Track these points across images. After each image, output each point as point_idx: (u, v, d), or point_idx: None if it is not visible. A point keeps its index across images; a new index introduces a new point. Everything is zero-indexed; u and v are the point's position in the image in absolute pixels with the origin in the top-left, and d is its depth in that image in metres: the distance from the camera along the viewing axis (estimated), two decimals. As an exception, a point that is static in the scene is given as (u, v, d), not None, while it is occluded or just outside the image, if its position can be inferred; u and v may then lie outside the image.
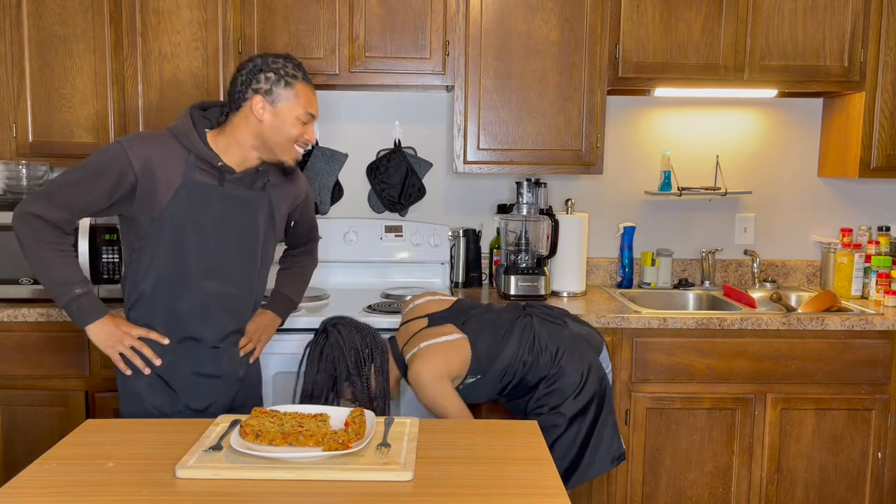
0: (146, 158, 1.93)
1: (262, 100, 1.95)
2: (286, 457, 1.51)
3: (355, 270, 3.21)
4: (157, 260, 1.99)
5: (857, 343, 2.73)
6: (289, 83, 1.97)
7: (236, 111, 1.99)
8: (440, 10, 2.86)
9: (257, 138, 1.99)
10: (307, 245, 2.44)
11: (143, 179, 1.93)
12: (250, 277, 2.12)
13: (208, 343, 2.06)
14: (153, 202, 1.95)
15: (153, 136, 2.01)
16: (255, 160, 2.04)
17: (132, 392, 2.04)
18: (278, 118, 1.97)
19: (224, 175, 2.01)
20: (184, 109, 2.06)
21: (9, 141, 2.86)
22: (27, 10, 2.81)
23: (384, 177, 3.21)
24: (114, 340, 1.97)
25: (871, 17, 2.92)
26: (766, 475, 2.77)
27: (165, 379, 2.04)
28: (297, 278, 2.40)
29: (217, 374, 2.09)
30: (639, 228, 3.32)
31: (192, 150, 1.97)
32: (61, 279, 1.92)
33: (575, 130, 2.92)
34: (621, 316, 2.70)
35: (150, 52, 2.84)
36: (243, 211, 2.06)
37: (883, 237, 3.16)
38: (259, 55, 2.01)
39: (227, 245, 2.04)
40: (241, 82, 1.97)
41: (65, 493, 1.42)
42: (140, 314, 2.03)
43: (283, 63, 1.98)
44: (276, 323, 2.30)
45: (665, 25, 2.91)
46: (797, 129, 3.34)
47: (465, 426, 1.83)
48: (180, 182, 1.96)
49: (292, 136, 2.00)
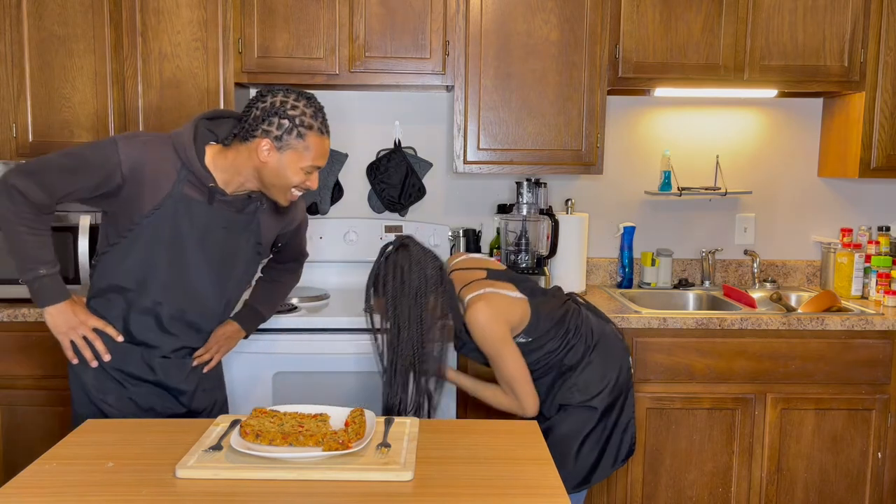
0: (137, 161, 1.88)
1: (269, 144, 1.87)
2: (286, 457, 1.51)
3: (355, 270, 3.21)
4: (127, 262, 1.94)
5: (857, 343, 2.73)
6: (301, 134, 1.88)
7: (243, 142, 1.91)
8: (440, 10, 2.86)
9: (256, 175, 1.93)
10: (291, 264, 2.38)
11: (129, 181, 1.88)
12: (216, 302, 2.07)
13: (159, 352, 2.02)
14: (137, 206, 1.90)
15: (152, 139, 1.95)
16: (253, 188, 1.98)
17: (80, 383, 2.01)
18: (281, 164, 1.89)
19: (213, 196, 1.95)
20: (184, 110, 2.02)
21: (9, 141, 2.86)
22: (27, 10, 2.81)
23: (384, 177, 3.21)
24: (68, 327, 1.93)
25: (871, 17, 2.92)
26: (766, 475, 2.77)
27: (112, 373, 2.00)
28: (272, 293, 2.34)
29: (160, 384, 2.04)
30: (639, 228, 3.32)
31: (186, 164, 1.91)
32: (31, 257, 1.88)
33: (575, 130, 2.92)
34: (621, 316, 2.70)
35: (150, 52, 2.84)
36: (227, 233, 2.00)
37: (883, 237, 3.16)
38: (283, 90, 1.90)
39: (198, 266, 1.98)
40: (255, 117, 1.88)
41: (65, 493, 1.42)
42: (100, 306, 2.00)
43: (303, 110, 1.88)
44: (240, 336, 2.23)
45: (665, 25, 2.91)
46: (797, 129, 3.34)
47: (465, 426, 1.83)
48: (168, 193, 1.91)
49: (292, 184, 1.92)
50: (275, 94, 1.89)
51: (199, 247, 1.97)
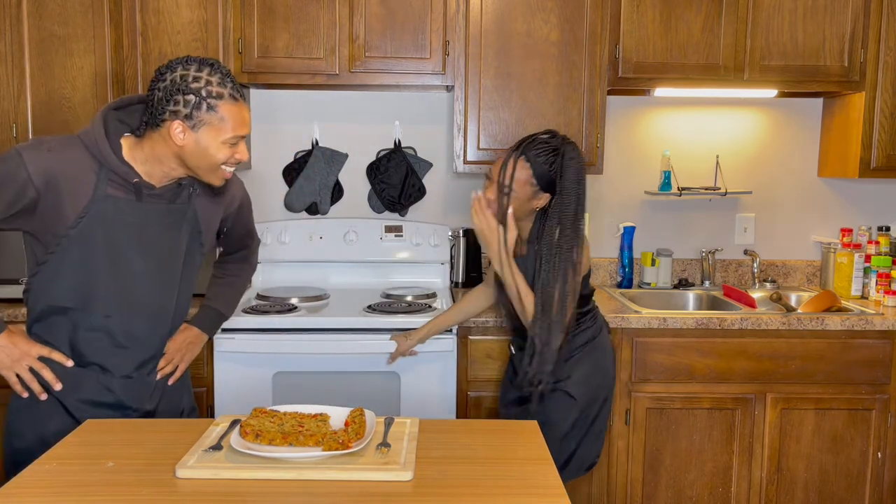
0: (48, 171, 1.69)
1: (181, 125, 1.69)
2: (286, 457, 1.51)
3: (355, 270, 3.21)
4: (62, 279, 1.77)
5: (857, 343, 2.73)
6: (212, 106, 1.69)
7: (154, 129, 1.73)
8: (440, 10, 2.86)
9: (178, 160, 1.76)
10: (241, 252, 2.21)
11: (45, 194, 1.70)
12: (167, 302, 1.90)
13: (117, 372, 1.85)
14: (58, 218, 1.73)
15: (59, 143, 1.75)
16: (181, 174, 1.81)
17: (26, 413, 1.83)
18: (200, 144, 1.71)
19: (141, 191, 1.78)
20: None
21: (9, 141, 2.86)
22: (27, 10, 2.81)
23: (384, 177, 3.21)
24: (11, 360, 1.77)
25: (871, 17, 2.92)
26: (766, 475, 2.77)
27: (65, 404, 1.82)
28: (228, 288, 2.18)
29: (124, 406, 1.87)
30: (639, 228, 3.32)
31: (103, 162, 1.74)
32: None
33: (575, 130, 2.92)
34: (621, 316, 2.70)
35: (150, 52, 2.84)
36: (164, 229, 1.83)
37: (883, 237, 3.16)
38: (180, 61, 1.71)
39: (141, 269, 1.82)
40: (158, 99, 1.69)
41: (65, 493, 1.42)
42: (43, 331, 1.82)
43: (207, 79, 1.69)
44: (202, 340, 2.07)
45: (665, 25, 2.91)
46: (797, 129, 3.34)
47: (465, 426, 1.83)
48: (90, 198, 1.73)
49: (218, 161, 1.74)
50: (173, 70, 1.69)
51: (138, 249, 1.81)
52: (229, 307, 2.16)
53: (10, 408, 1.87)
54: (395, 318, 2.64)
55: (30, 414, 1.83)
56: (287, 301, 2.83)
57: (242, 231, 2.14)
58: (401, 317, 2.65)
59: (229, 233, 2.11)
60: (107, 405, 1.86)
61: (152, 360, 1.92)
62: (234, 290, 2.19)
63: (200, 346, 2.07)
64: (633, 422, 2.74)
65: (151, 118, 1.72)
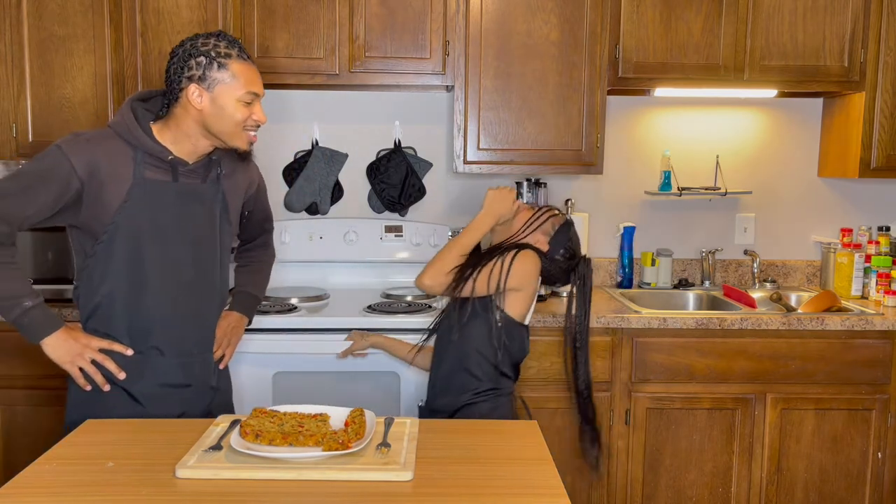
0: (89, 161, 1.79)
1: (196, 87, 1.81)
2: (286, 457, 1.51)
3: (355, 270, 3.21)
4: (112, 267, 1.85)
5: (857, 343, 2.73)
6: (222, 64, 1.81)
7: (175, 102, 1.85)
8: (440, 10, 2.86)
9: (202, 127, 1.86)
10: (261, 237, 2.32)
11: (88, 184, 1.79)
12: (213, 278, 1.99)
13: (176, 352, 1.93)
14: (103, 207, 1.82)
15: (95, 135, 1.86)
16: (208, 147, 1.91)
17: (91, 405, 1.89)
18: (217, 104, 1.83)
19: (177, 169, 1.88)
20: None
21: (9, 141, 2.86)
22: (27, 10, 2.81)
23: (384, 177, 3.21)
24: (73, 355, 1.83)
25: (871, 17, 2.92)
26: (766, 475, 2.77)
27: (130, 391, 1.90)
28: (256, 274, 2.29)
29: (187, 384, 1.96)
30: (639, 228, 3.32)
31: (138, 146, 1.84)
32: (9, 293, 1.79)
33: (575, 130, 2.92)
34: (621, 316, 2.70)
35: (150, 52, 2.84)
36: (200, 206, 1.93)
37: (883, 237, 3.16)
38: (189, 37, 1.86)
39: (186, 246, 1.91)
40: (174, 71, 1.83)
41: (65, 493, 1.42)
42: (99, 324, 1.90)
43: (215, 43, 1.82)
44: (244, 323, 2.19)
45: (665, 25, 2.91)
46: (797, 129, 3.34)
47: (465, 426, 1.83)
48: (131, 182, 1.83)
49: (238, 121, 1.85)
50: (183, 44, 1.85)
51: (180, 228, 1.90)
52: (261, 290, 2.28)
53: (68, 404, 1.94)
54: (395, 318, 2.64)
55: (94, 406, 1.88)
56: (287, 301, 2.83)
57: (261, 215, 2.26)
58: (401, 317, 2.65)
59: (251, 217, 2.21)
60: (172, 386, 1.94)
61: (207, 337, 2.01)
62: (262, 275, 2.31)
63: (243, 330, 2.19)
64: (633, 422, 2.74)
65: (171, 92, 1.84)
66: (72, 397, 1.94)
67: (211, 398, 2.04)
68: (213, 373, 2.04)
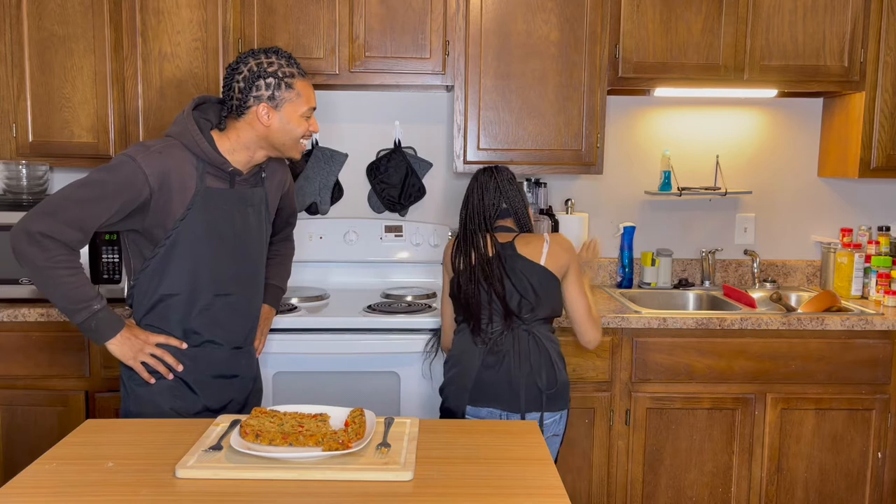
0: (161, 171, 1.90)
1: (266, 107, 1.95)
2: (286, 457, 1.51)
3: (355, 270, 3.21)
4: (171, 268, 1.97)
5: (857, 343, 2.73)
6: (289, 84, 1.96)
7: (239, 117, 1.97)
8: (440, 10, 2.86)
9: (264, 141, 1.99)
10: (286, 230, 2.43)
11: (158, 193, 1.90)
12: (259, 277, 2.15)
13: (228, 346, 2.08)
14: (168, 215, 1.93)
15: (162, 144, 1.95)
16: (263, 158, 2.05)
17: (147, 396, 2.01)
18: (283, 120, 1.97)
19: (234, 178, 2.02)
20: (181, 112, 2.00)
21: (9, 141, 2.86)
22: (27, 10, 2.81)
23: (384, 177, 3.21)
24: (135, 351, 1.96)
25: (871, 17, 2.92)
26: (766, 475, 2.77)
27: (186, 381, 2.03)
28: (281, 267, 2.41)
29: (236, 374, 2.11)
30: (639, 228, 3.32)
31: (202, 157, 1.95)
32: (78, 298, 1.87)
33: (575, 130, 2.92)
34: (621, 316, 2.70)
35: (150, 52, 2.84)
36: (251, 209, 2.07)
37: (883, 237, 3.16)
38: (250, 54, 1.96)
39: (241, 249, 2.05)
40: (240, 89, 1.94)
41: (65, 493, 1.42)
42: (155, 321, 2.01)
43: (278, 63, 1.95)
44: (272, 314, 2.35)
45: (665, 25, 2.91)
46: (797, 129, 3.34)
47: (465, 426, 1.83)
48: (194, 191, 1.95)
49: (299, 135, 2.01)
50: (246, 62, 1.95)
51: (233, 231, 2.02)
52: (285, 283, 2.41)
53: (124, 398, 2.05)
54: (395, 318, 2.64)
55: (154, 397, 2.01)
56: (287, 301, 2.83)
57: (290, 210, 2.37)
58: (401, 317, 2.65)
59: (281, 212, 2.31)
60: (223, 377, 2.08)
61: (253, 330, 2.16)
62: (285, 267, 2.42)
63: (272, 320, 2.36)
64: (634, 422, 2.74)
65: (236, 109, 1.96)
66: (127, 391, 2.05)
67: (251, 387, 2.18)
68: (254, 363, 2.20)
